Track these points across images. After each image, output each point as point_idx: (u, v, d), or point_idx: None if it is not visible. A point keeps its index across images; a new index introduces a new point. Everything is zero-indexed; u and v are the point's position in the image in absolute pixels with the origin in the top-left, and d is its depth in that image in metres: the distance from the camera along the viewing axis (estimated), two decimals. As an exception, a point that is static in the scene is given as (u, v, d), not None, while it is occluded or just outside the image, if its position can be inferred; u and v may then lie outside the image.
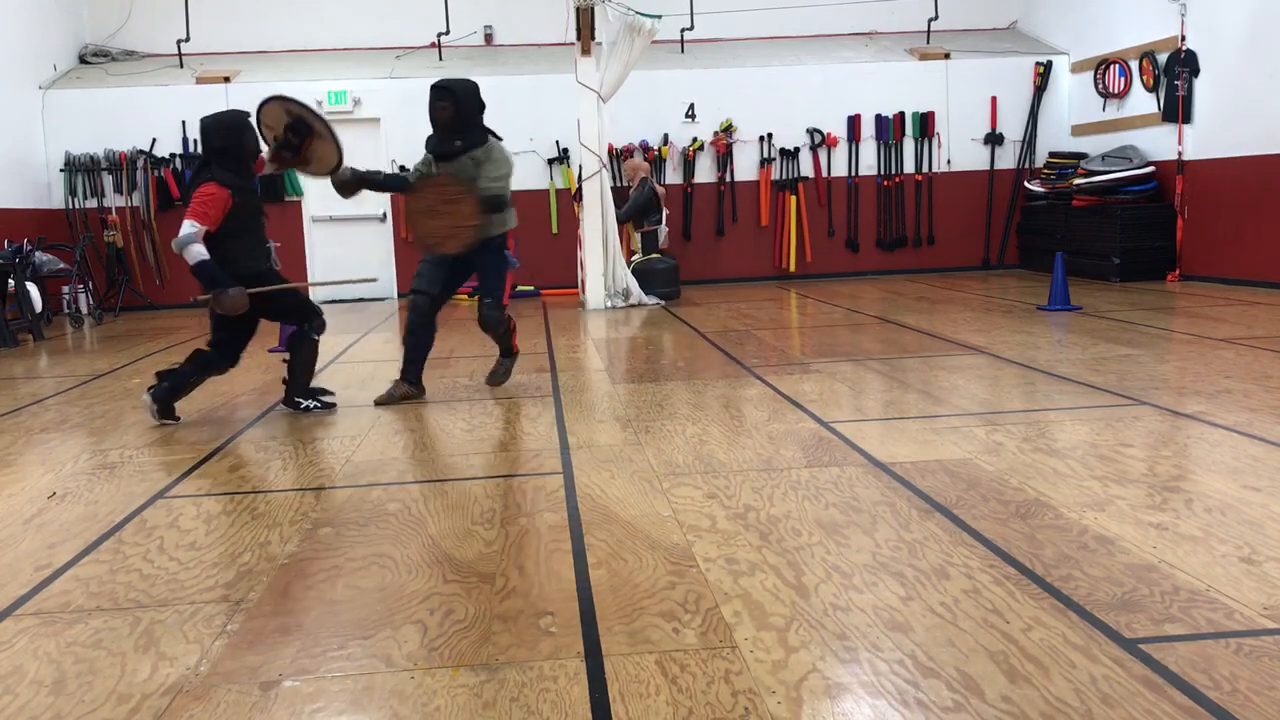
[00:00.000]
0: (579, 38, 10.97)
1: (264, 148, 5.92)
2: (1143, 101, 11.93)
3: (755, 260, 13.61)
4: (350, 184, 6.13)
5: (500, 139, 6.22)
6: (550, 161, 13.23)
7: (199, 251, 5.37)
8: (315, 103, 12.96)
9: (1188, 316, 8.60)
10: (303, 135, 5.84)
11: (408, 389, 6.19)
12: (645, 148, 13.19)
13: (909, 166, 13.56)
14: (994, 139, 13.55)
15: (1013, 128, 13.59)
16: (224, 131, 5.53)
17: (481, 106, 6.12)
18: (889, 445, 4.59)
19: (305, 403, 5.91)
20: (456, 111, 5.96)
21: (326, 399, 6.01)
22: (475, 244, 5.94)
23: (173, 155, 12.89)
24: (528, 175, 13.22)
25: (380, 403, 6.10)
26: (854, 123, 13.44)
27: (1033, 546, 3.24)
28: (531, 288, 12.99)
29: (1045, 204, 12.92)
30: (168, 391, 5.67)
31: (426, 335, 6.22)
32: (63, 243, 11.86)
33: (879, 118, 13.47)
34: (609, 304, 11.14)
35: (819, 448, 4.62)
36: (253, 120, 5.75)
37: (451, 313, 11.50)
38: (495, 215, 6.02)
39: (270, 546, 3.55)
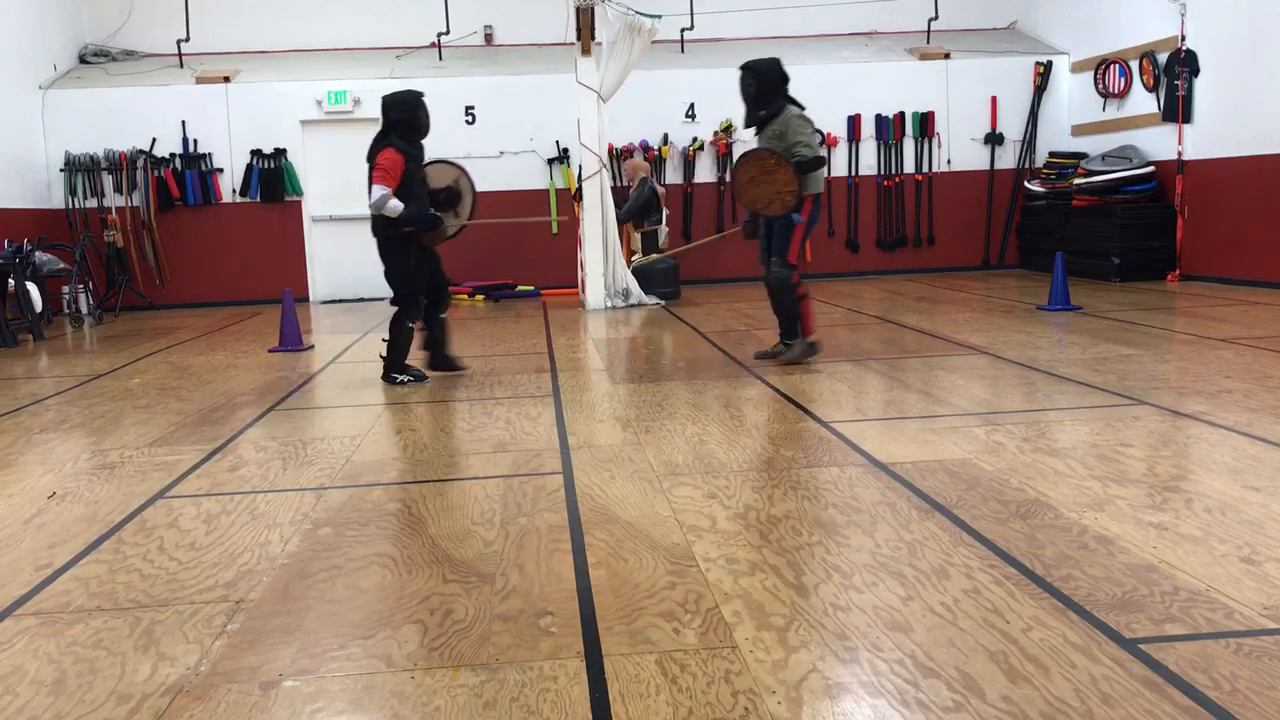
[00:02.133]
0: (579, 38, 10.97)
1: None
2: (1143, 101, 11.93)
3: (755, 260, 13.50)
4: (437, 234, 6.64)
5: (802, 107, 6.85)
6: (550, 161, 13.23)
7: (396, 204, 6.22)
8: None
9: (1188, 316, 8.60)
10: (449, 206, 6.77)
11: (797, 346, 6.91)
12: (645, 148, 13.19)
13: (909, 166, 13.56)
14: (994, 139, 13.55)
15: (1013, 128, 13.59)
16: (402, 107, 6.35)
17: (784, 79, 6.83)
18: (889, 445, 4.59)
19: (400, 377, 6.58)
20: (760, 88, 6.76)
21: (415, 373, 6.66)
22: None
23: (173, 155, 12.89)
24: (529, 175, 13.24)
25: (789, 360, 6.85)
26: (854, 122, 13.44)
27: (1033, 546, 3.24)
28: (531, 288, 12.99)
29: (1045, 204, 12.92)
30: (392, 362, 6.56)
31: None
32: (63, 243, 11.86)
33: (879, 118, 13.47)
34: (609, 304, 11.14)
35: (819, 448, 4.62)
36: (425, 101, 6.48)
37: (451, 313, 11.49)
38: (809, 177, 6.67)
39: (270, 546, 3.55)
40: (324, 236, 13.30)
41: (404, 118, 6.34)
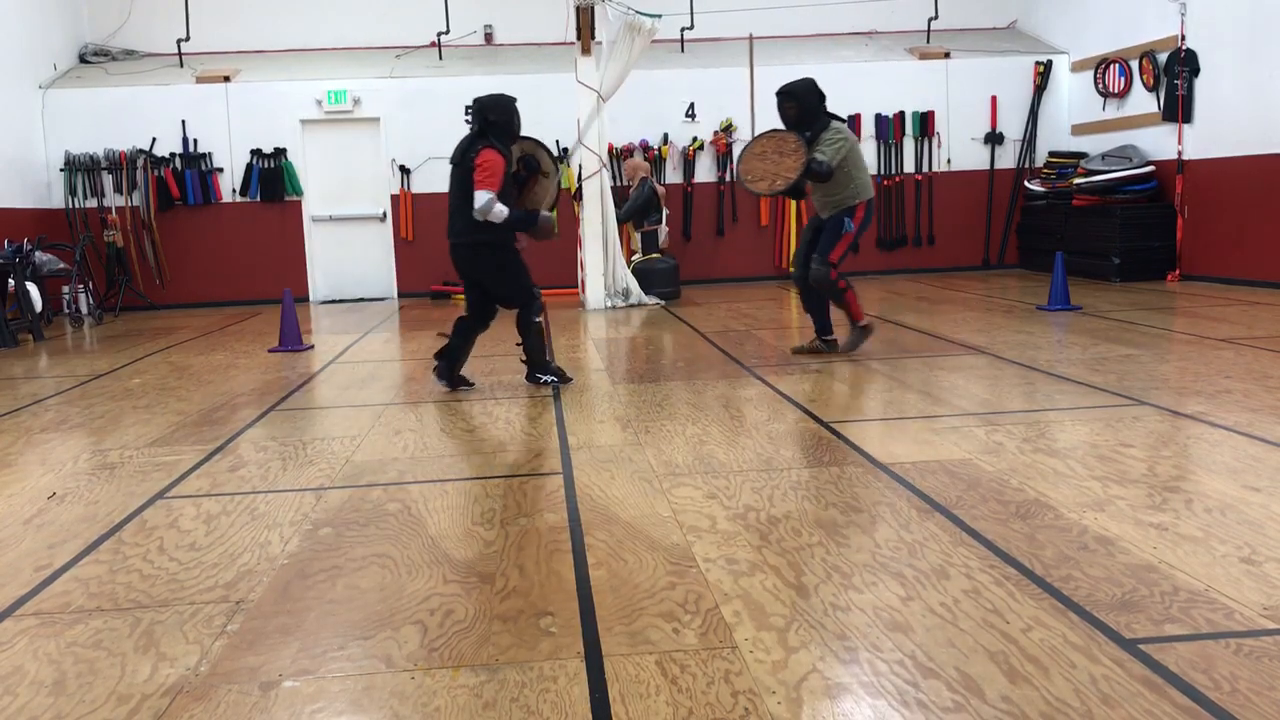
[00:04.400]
0: (579, 37, 10.97)
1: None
2: (1143, 101, 11.93)
3: (755, 260, 13.60)
4: (544, 230, 6.39)
5: (843, 120, 6.98)
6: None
7: (502, 210, 5.94)
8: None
9: (1188, 316, 8.59)
10: (532, 171, 6.45)
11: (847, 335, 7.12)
12: (645, 147, 13.18)
13: (909, 166, 13.56)
14: (994, 139, 13.55)
15: (1013, 127, 13.58)
16: (499, 109, 6.13)
17: (822, 98, 6.97)
18: (889, 445, 4.59)
19: (544, 377, 6.42)
20: (801, 110, 6.85)
21: (562, 373, 6.50)
22: (826, 211, 6.87)
23: (173, 155, 12.89)
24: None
25: (846, 349, 7.03)
26: (854, 122, 13.41)
27: (1033, 546, 3.24)
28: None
29: (1045, 204, 12.92)
30: (449, 367, 6.37)
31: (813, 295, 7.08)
32: (63, 243, 11.86)
33: (879, 117, 13.47)
34: (609, 304, 11.14)
35: (819, 448, 4.62)
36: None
37: (452, 312, 11.49)
38: (846, 186, 6.78)
39: (270, 546, 3.55)
40: (324, 236, 13.30)
41: (502, 120, 6.11)
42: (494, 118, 6.09)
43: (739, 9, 13.57)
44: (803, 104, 6.85)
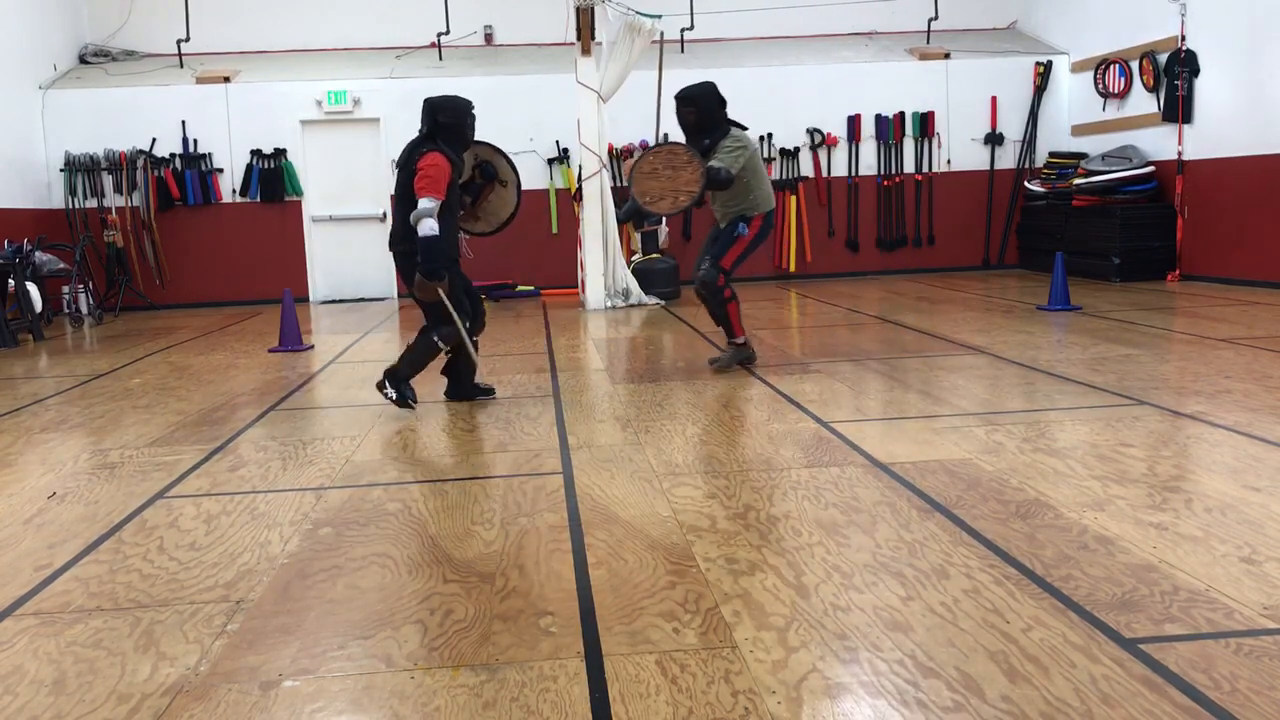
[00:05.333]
0: (579, 38, 10.97)
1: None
2: (1143, 101, 11.93)
3: (755, 260, 13.47)
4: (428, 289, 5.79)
5: (744, 128, 6.66)
6: (550, 161, 13.23)
7: (432, 226, 5.34)
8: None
9: (1188, 316, 8.59)
10: (489, 178, 6.01)
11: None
12: (645, 148, 13.17)
13: (909, 166, 13.56)
14: (994, 139, 13.55)
15: (1013, 128, 13.58)
16: (451, 111, 5.59)
17: (722, 103, 6.57)
18: (889, 445, 4.59)
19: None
20: (700, 116, 6.48)
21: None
22: (724, 218, 6.63)
23: (173, 155, 12.89)
24: (528, 175, 13.22)
25: (718, 366, 6.76)
26: (854, 123, 13.44)
27: (1033, 546, 3.24)
28: (531, 288, 12.99)
29: (1045, 204, 12.91)
30: (396, 373, 5.76)
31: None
32: (63, 243, 11.86)
33: (879, 118, 13.47)
34: (609, 304, 11.14)
35: (819, 448, 4.62)
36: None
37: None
38: (746, 196, 6.55)
39: (270, 546, 3.55)
40: (324, 236, 13.29)
41: (453, 123, 5.57)
42: (444, 120, 5.58)
43: (739, 9, 13.58)
44: (702, 110, 6.48)
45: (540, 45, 13.86)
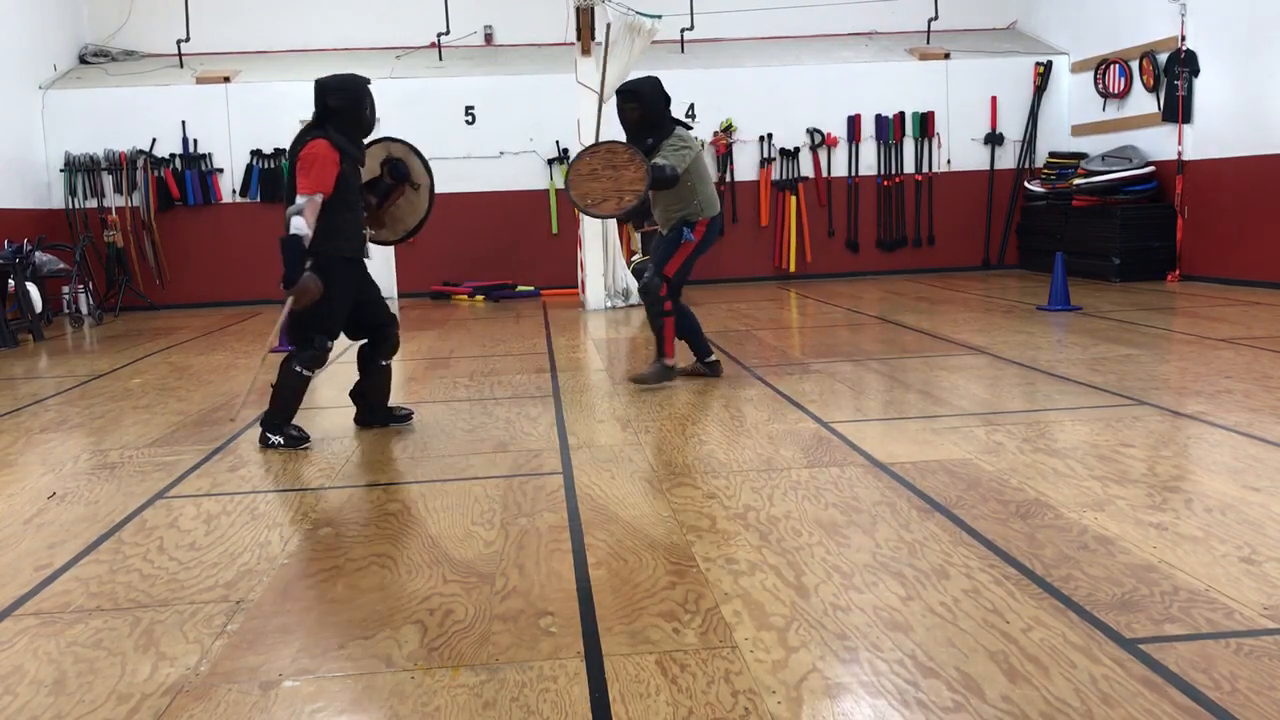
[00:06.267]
0: (579, 38, 10.97)
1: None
2: (1143, 101, 11.93)
3: (755, 260, 13.60)
4: (304, 291, 5.14)
5: (690, 127, 6.31)
6: (550, 161, 13.23)
7: (300, 224, 4.81)
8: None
9: (1188, 316, 8.59)
10: (399, 179, 5.40)
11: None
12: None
13: (909, 166, 13.56)
14: (994, 139, 13.55)
15: (1013, 128, 13.58)
16: (342, 92, 4.97)
17: (667, 101, 6.23)
18: (889, 445, 4.59)
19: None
20: (644, 112, 6.10)
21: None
22: (666, 223, 6.23)
23: (173, 155, 12.89)
24: (528, 175, 13.23)
25: (639, 381, 6.34)
26: (854, 123, 13.44)
27: (1033, 546, 3.24)
28: (531, 288, 12.99)
29: (1045, 204, 12.91)
30: (271, 416, 5.10)
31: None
32: (63, 243, 11.85)
33: (879, 118, 13.46)
34: (609, 304, 11.14)
35: (819, 448, 4.62)
36: (372, 90, 5.14)
37: (451, 312, 11.51)
38: (689, 200, 6.15)
39: (270, 546, 3.55)
40: (324, 236, 13.27)
41: (345, 105, 4.95)
42: (335, 103, 4.93)
43: (739, 9, 13.58)
44: (646, 106, 6.08)
45: (540, 45, 13.86)
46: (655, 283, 6.22)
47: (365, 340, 5.42)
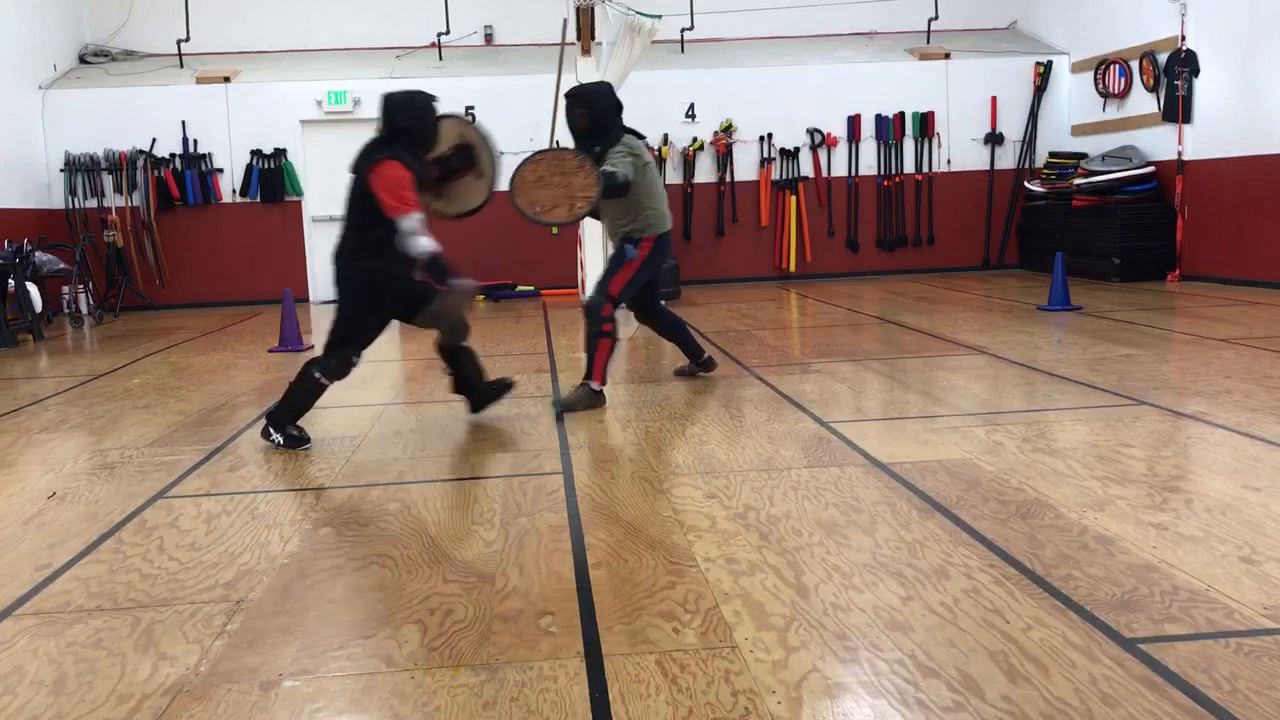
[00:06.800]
0: (579, 38, 10.96)
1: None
2: (1143, 101, 11.93)
3: (755, 260, 13.60)
4: (460, 296, 5.19)
5: (641, 136, 6.04)
6: (550, 161, 13.20)
7: (425, 244, 4.86)
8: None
9: (1188, 316, 8.59)
10: (466, 164, 5.41)
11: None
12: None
13: (909, 166, 13.56)
14: (994, 139, 13.55)
15: (1013, 128, 13.58)
16: (413, 110, 5.01)
17: (618, 108, 5.94)
18: (889, 445, 4.59)
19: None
20: (593, 118, 5.83)
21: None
22: (614, 237, 6.01)
23: (173, 155, 12.88)
24: (528, 175, 13.22)
25: (561, 404, 5.81)
26: (854, 123, 13.44)
27: (1033, 546, 3.24)
28: (531, 288, 12.99)
29: (1045, 204, 12.91)
30: (277, 414, 5.08)
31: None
32: (63, 243, 11.86)
33: (879, 118, 13.47)
34: (609, 304, 11.12)
35: (819, 448, 4.62)
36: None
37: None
38: (636, 216, 5.87)
39: (270, 546, 3.55)
40: (324, 236, 13.26)
41: (414, 126, 5.00)
42: (404, 123, 4.98)
43: (739, 9, 13.58)
44: (597, 112, 5.81)
45: (540, 45, 13.86)
46: (598, 301, 5.88)
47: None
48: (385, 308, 5.14)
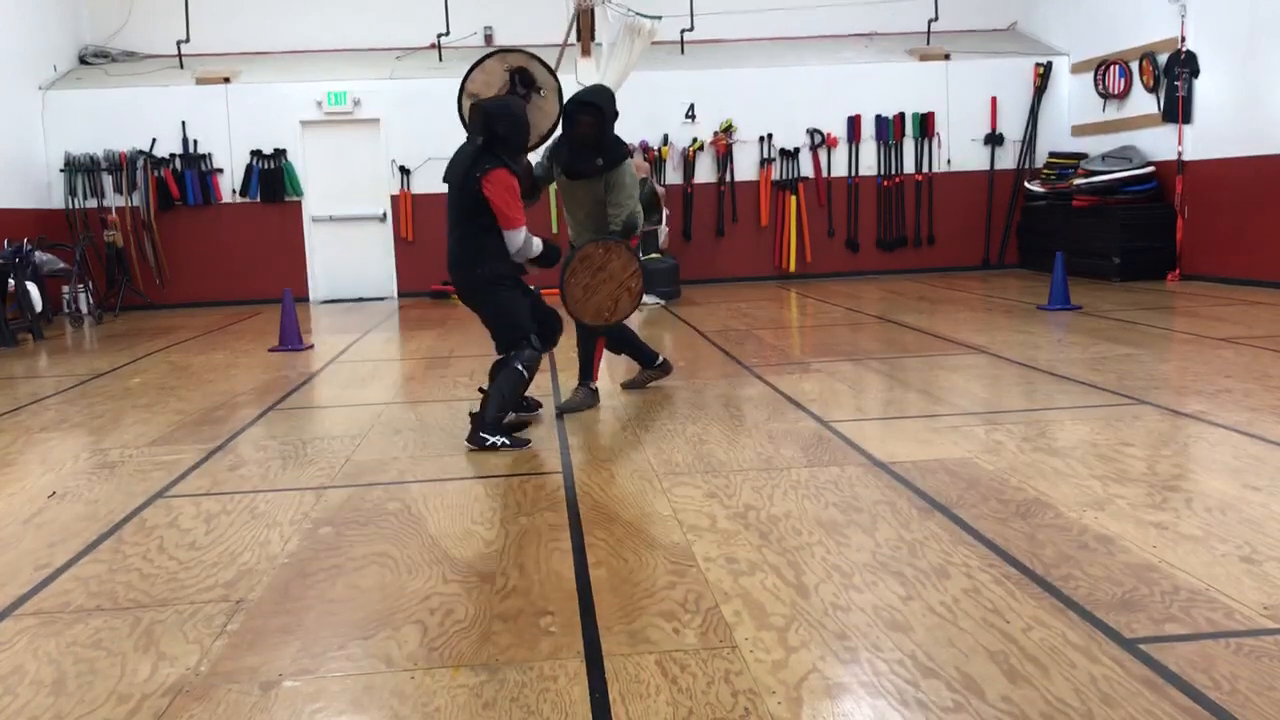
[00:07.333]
0: (579, 38, 10.97)
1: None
2: (1143, 102, 11.93)
3: (755, 260, 13.60)
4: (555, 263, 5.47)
5: (630, 154, 5.85)
6: (550, 162, 13.21)
7: (537, 243, 5.20)
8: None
9: (1188, 316, 8.59)
10: (528, 86, 5.52)
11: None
12: (645, 148, 13.18)
13: (909, 167, 13.56)
14: (994, 139, 13.55)
15: (1013, 128, 13.58)
16: (510, 119, 5.11)
17: (616, 116, 5.65)
18: (889, 445, 4.59)
19: (490, 439, 4.90)
20: (602, 126, 5.48)
21: (518, 440, 4.99)
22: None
23: (173, 155, 12.88)
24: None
25: (564, 409, 5.72)
26: (854, 123, 13.44)
27: (1033, 546, 3.24)
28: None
29: (1045, 204, 12.91)
30: (487, 418, 4.98)
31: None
32: (63, 243, 11.85)
33: (879, 118, 13.47)
34: (609, 304, 11.12)
35: (819, 447, 4.62)
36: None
37: (451, 312, 11.50)
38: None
39: (270, 546, 3.55)
40: (324, 236, 13.29)
41: (512, 135, 5.09)
42: (503, 132, 5.05)
43: (739, 10, 13.58)
44: (606, 118, 5.48)
45: (540, 45, 13.85)
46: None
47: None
48: (528, 293, 5.38)
